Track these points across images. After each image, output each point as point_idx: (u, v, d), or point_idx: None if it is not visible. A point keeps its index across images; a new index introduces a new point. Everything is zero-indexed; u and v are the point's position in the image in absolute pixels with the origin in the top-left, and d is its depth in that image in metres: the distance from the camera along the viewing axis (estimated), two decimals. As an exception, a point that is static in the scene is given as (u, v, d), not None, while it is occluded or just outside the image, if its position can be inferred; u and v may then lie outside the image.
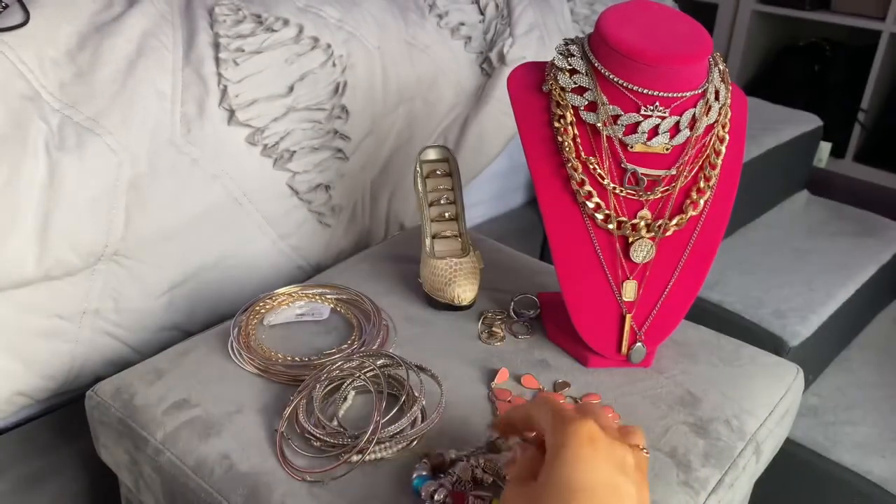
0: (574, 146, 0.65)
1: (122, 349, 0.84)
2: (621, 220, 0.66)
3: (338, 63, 0.92)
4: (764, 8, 2.55)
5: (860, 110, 2.43)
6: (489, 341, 0.74)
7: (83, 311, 0.78)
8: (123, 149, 0.75)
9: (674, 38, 0.64)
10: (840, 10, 2.42)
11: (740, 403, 0.68)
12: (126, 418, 0.65)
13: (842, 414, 1.14)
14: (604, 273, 0.68)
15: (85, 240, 0.74)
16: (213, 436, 0.62)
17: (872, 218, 1.51)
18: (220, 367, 0.69)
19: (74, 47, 0.77)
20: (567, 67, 0.66)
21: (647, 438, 0.63)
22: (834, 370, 1.24)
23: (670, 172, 0.65)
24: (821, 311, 1.16)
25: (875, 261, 1.33)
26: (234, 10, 0.89)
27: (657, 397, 0.68)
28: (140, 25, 0.81)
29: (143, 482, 0.65)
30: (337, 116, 0.92)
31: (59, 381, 0.80)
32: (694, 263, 0.69)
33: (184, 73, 0.82)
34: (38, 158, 0.70)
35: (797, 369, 0.75)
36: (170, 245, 0.81)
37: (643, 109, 0.63)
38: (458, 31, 1.10)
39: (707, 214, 0.68)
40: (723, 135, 0.67)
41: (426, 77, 1.04)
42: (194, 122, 0.81)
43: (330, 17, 0.95)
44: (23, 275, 0.71)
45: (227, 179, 0.84)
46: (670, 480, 0.59)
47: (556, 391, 0.68)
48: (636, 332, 0.69)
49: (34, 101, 0.72)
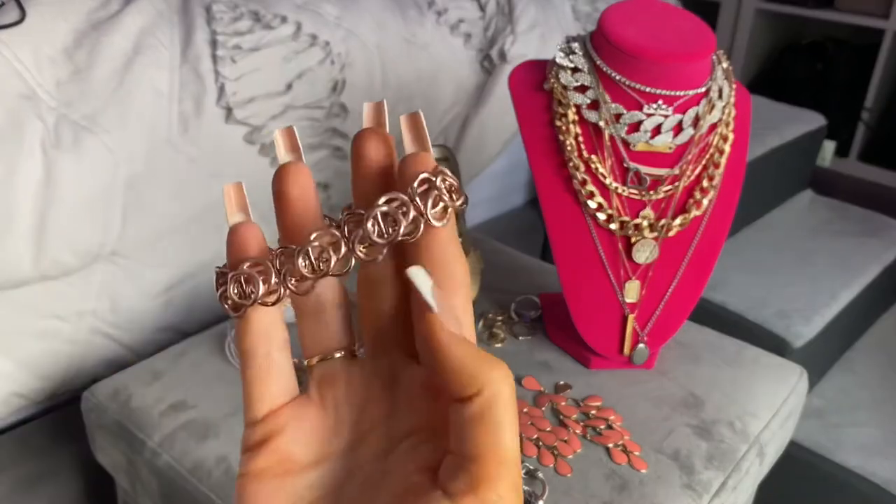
0: (576, 145, 0.65)
1: (119, 350, 0.83)
2: (624, 219, 0.65)
3: (336, 61, 0.92)
4: (767, 6, 2.54)
5: (864, 109, 2.42)
6: (490, 342, 0.73)
7: (80, 312, 0.78)
8: (120, 148, 0.74)
9: (677, 36, 0.63)
10: (843, 8, 2.40)
11: (743, 405, 0.67)
12: (123, 420, 0.64)
13: (846, 416, 1.13)
14: (606, 274, 0.67)
15: (82, 239, 0.73)
16: (210, 438, 0.61)
17: (877, 218, 1.50)
18: (217, 368, 0.69)
19: (71, 45, 0.77)
20: (569, 65, 0.65)
21: (650, 441, 0.62)
22: (838, 371, 1.23)
23: (673, 172, 0.65)
24: (825, 312, 1.15)
25: (879, 261, 1.32)
26: (231, 8, 0.89)
27: (660, 399, 0.67)
28: (137, 23, 0.81)
29: (140, 484, 0.65)
30: (335, 114, 0.91)
31: (55, 382, 0.79)
32: (697, 264, 0.68)
33: (181, 71, 0.81)
34: (35, 157, 0.69)
35: (801, 371, 0.74)
36: (167, 245, 0.81)
37: (646, 108, 0.62)
38: (457, 28, 1.10)
39: (710, 214, 0.67)
40: (726, 133, 0.66)
41: (426, 75, 1.03)
42: (192, 120, 0.80)
43: (328, 15, 0.94)
44: (19, 275, 0.70)
45: (225, 178, 0.83)
46: (673, 483, 0.58)
47: (557, 393, 0.67)
48: (639, 333, 0.68)
49: (30, 100, 0.71)
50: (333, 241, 0.23)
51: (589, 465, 0.60)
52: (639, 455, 0.60)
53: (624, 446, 0.61)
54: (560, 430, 0.63)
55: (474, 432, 0.20)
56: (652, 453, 0.61)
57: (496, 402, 0.20)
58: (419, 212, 0.22)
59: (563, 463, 0.60)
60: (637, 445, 0.61)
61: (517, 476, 0.20)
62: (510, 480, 0.20)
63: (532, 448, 0.61)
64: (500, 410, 0.20)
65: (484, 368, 0.20)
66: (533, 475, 0.58)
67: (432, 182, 0.22)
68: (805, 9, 2.46)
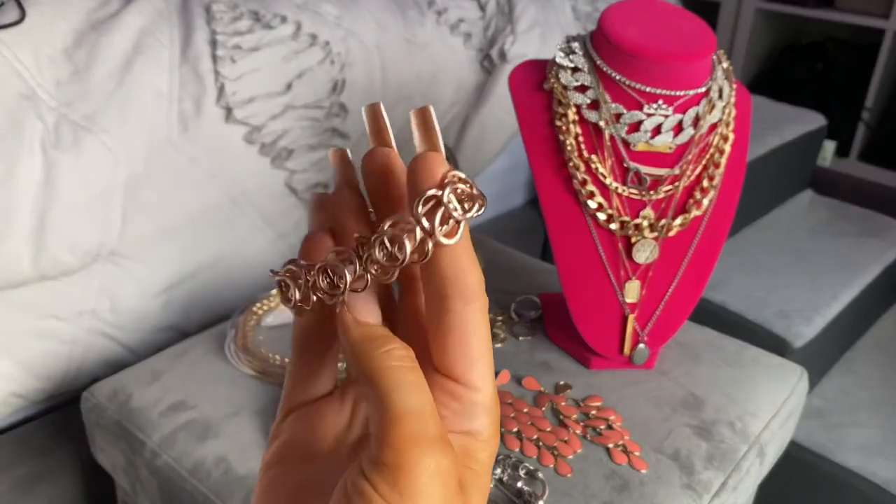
0: (576, 145, 0.65)
1: (119, 350, 0.83)
2: (624, 219, 0.65)
3: (336, 60, 0.91)
4: (767, 6, 2.53)
5: (864, 109, 2.41)
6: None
7: (79, 312, 0.78)
8: (120, 147, 0.74)
9: (677, 36, 0.63)
10: (844, 8, 2.40)
11: (744, 405, 0.67)
12: (122, 420, 0.64)
13: (846, 416, 1.13)
14: (606, 274, 0.67)
15: (81, 239, 0.73)
16: (210, 438, 0.61)
17: (877, 217, 1.50)
18: (217, 368, 0.69)
19: (71, 45, 0.77)
20: (569, 65, 0.65)
21: (650, 441, 0.62)
22: (838, 372, 1.23)
23: (673, 172, 0.65)
24: (825, 312, 1.15)
25: (880, 261, 1.32)
26: (231, 7, 0.89)
27: (660, 399, 0.67)
28: (137, 23, 0.81)
29: (140, 485, 0.65)
30: (335, 114, 0.91)
31: (55, 383, 0.79)
32: (697, 264, 0.68)
33: (181, 71, 0.81)
34: (35, 157, 0.69)
35: (801, 371, 0.74)
36: (167, 245, 0.81)
37: (646, 107, 0.62)
38: (457, 28, 1.10)
39: (711, 214, 0.67)
40: (727, 133, 0.66)
41: (425, 74, 1.03)
42: (191, 120, 0.80)
43: (328, 15, 0.94)
44: (19, 275, 0.70)
45: (225, 178, 0.83)
46: (673, 483, 0.58)
47: (557, 393, 0.67)
48: (639, 333, 0.68)
49: (30, 100, 0.71)
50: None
51: (589, 465, 0.60)
52: (639, 455, 0.60)
53: (624, 446, 0.61)
54: (560, 430, 0.63)
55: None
56: (652, 453, 0.61)
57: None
58: (426, 232, 0.21)
59: (564, 463, 0.60)
60: (637, 445, 0.61)
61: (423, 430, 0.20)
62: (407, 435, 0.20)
63: (532, 448, 0.61)
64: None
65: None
66: (533, 475, 0.58)
67: (439, 198, 0.21)
68: (805, 9, 2.46)
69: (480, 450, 0.23)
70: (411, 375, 0.21)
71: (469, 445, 0.23)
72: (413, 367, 0.21)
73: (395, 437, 0.20)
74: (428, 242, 0.21)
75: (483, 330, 0.23)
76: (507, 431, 0.63)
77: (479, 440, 0.23)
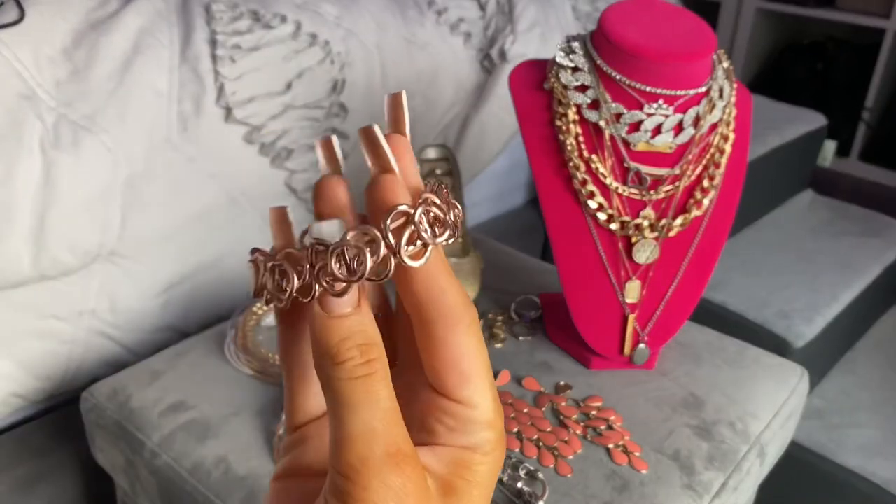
0: (576, 145, 0.64)
1: (118, 350, 0.83)
2: (624, 219, 0.65)
3: (336, 60, 0.91)
4: (767, 5, 2.53)
5: (864, 109, 2.41)
6: (490, 343, 0.73)
7: (79, 312, 0.78)
8: (120, 147, 0.74)
9: (677, 35, 0.63)
10: (844, 7, 2.40)
11: (744, 406, 0.67)
12: (122, 420, 0.64)
13: (847, 416, 1.12)
14: (606, 274, 0.67)
15: (81, 239, 0.73)
16: (210, 438, 0.61)
17: (878, 217, 1.50)
18: (216, 368, 0.69)
19: (70, 45, 0.76)
20: (569, 65, 0.65)
21: (651, 441, 0.62)
22: (839, 372, 1.23)
23: (674, 171, 0.64)
24: (826, 312, 1.15)
25: (880, 261, 1.32)
26: (231, 7, 0.89)
27: (660, 399, 0.67)
28: (136, 23, 0.81)
29: (140, 485, 0.65)
30: (335, 114, 0.91)
31: (54, 383, 0.79)
32: (698, 264, 0.68)
33: (180, 71, 0.81)
34: (34, 157, 0.69)
35: (802, 371, 0.74)
36: (166, 244, 0.81)
37: (646, 107, 0.62)
38: (457, 28, 1.09)
39: (711, 214, 0.67)
40: (727, 133, 0.66)
41: (425, 74, 1.03)
42: (191, 119, 0.80)
43: (328, 14, 0.94)
44: (18, 275, 0.70)
45: (224, 178, 0.83)
46: (673, 483, 0.58)
47: (557, 394, 0.67)
48: (639, 333, 0.68)
49: (30, 100, 0.71)
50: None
51: (589, 465, 0.60)
52: (639, 455, 0.60)
53: (624, 447, 0.61)
54: (560, 430, 0.63)
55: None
56: (652, 454, 0.61)
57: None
58: (391, 250, 0.19)
59: (564, 463, 0.60)
60: (637, 446, 0.61)
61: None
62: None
63: (532, 448, 0.61)
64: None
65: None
66: (533, 476, 0.58)
67: (410, 216, 0.19)
68: (805, 8, 2.46)
69: (480, 462, 0.22)
70: (361, 390, 0.20)
71: (465, 458, 0.22)
72: (366, 377, 0.20)
73: (341, 462, 0.20)
74: (391, 261, 0.19)
75: (474, 349, 0.21)
76: (508, 432, 0.63)
77: (480, 453, 0.22)
